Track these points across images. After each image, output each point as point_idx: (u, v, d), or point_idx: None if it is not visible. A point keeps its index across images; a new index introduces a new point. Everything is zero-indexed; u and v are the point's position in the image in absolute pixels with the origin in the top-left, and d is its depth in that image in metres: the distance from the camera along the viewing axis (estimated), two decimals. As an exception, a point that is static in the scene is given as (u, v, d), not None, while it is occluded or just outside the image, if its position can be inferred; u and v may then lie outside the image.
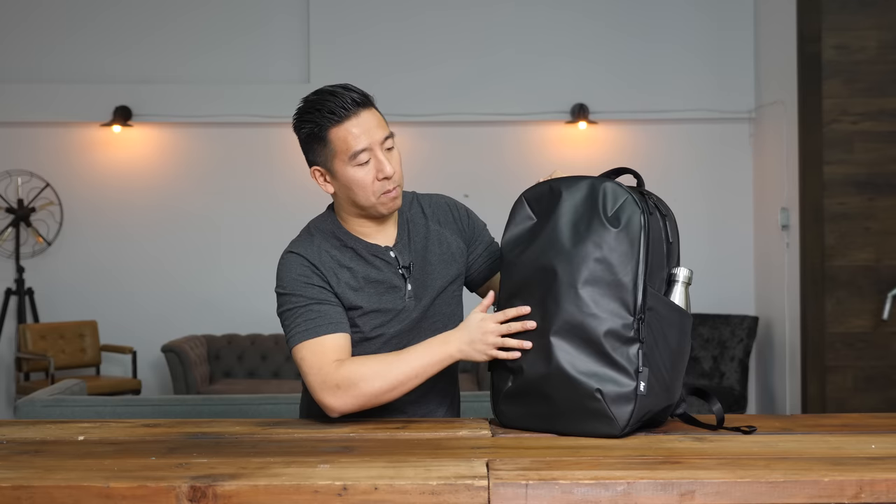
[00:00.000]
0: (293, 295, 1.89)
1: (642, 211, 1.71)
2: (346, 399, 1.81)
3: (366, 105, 1.90)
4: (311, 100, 1.90)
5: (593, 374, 1.69)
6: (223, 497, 1.40)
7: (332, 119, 1.87)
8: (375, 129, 1.89)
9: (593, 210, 1.73)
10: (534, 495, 1.41)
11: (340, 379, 1.81)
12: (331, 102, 1.87)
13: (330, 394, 1.82)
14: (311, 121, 1.89)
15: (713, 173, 6.76)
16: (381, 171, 1.88)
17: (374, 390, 1.81)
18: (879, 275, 5.13)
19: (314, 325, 1.86)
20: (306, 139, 1.92)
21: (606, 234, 1.70)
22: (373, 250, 1.96)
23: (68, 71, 6.81)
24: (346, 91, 1.89)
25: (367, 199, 1.91)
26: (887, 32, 5.14)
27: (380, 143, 1.89)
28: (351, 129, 1.87)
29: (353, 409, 1.83)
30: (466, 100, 6.68)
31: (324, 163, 1.92)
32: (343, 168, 1.89)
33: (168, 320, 6.76)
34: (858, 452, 1.58)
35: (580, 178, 1.79)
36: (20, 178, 6.76)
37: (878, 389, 5.11)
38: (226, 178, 6.83)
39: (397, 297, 1.96)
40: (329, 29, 6.73)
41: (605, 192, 1.73)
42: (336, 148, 1.88)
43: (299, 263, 1.91)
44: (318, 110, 1.88)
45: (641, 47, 6.71)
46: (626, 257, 1.69)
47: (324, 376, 1.82)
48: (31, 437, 1.78)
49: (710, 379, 6.19)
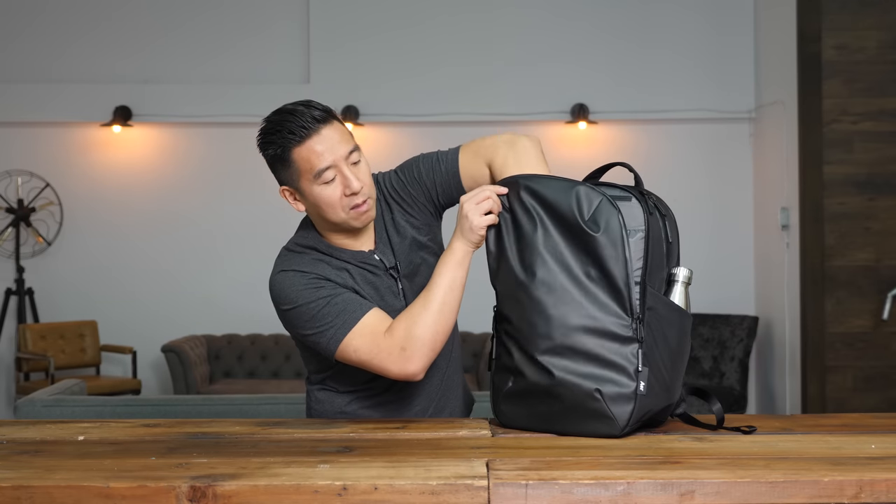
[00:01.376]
0: (309, 303, 1.85)
1: (619, 211, 1.69)
2: (416, 355, 1.79)
3: (327, 121, 1.85)
4: (273, 120, 1.86)
5: (593, 375, 1.69)
6: (223, 497, 1.40)
7: (292, 139, 1.83)
8: (338, 145, 1.84)
9: (570, 215, 1.71)
10: (534, 495, 1.41)
11: (399, 339, 1.79)
12: (290, 122, 1.83)
13: (403, 362, 1.79)
14: (273, 142, 1.85)
15: (713, 173, 6.76)
16: (347, 187, 1.84)
17: (429, 325, 1.79)
18: (879, 275, 5.13)
19: (348, 315, 1.82)
20: (271, 161, 1.89)
21: (588, 239, 1.70)
22: (359, 257, 1.94)
23: (68, 71, 6.81)
24: (307, 108, 1.84)
25: (338, 216, 1.87)
26: (887, 32, 5.14)
27: (344, 159, 1.85)
28: (314, 146, 1.83)
29: (427, 361, 1.80)
30: (466, 100, 6.68)
31: (290, 183, 1.89)
32: (310, 187, 1.85)
33: (168, 320, 6.76)
34: (858, 452, 1.58)
35: (549, 178, 1.77)
36: (20, 178, 6.76)
37: (878, 389, 5.11)
38: (226, 178, 6.83)
39: (394, 297, 1.96)
40: (329, 29, 6.73)
41: (580, 196, 1.71)
42: (300, 168, 1.85)
43: (298, 276, 1.88)
44: (279, 131, 1.84)
45: (641, 47, 6.71)
46: (614, 259, 1.69)
47: (386, 350, 1.80)
48: (31, 437, 1.78)
49: (710, 379, 6.19)
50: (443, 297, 1.80)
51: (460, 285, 1.82)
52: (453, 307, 1.82)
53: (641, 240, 1.71)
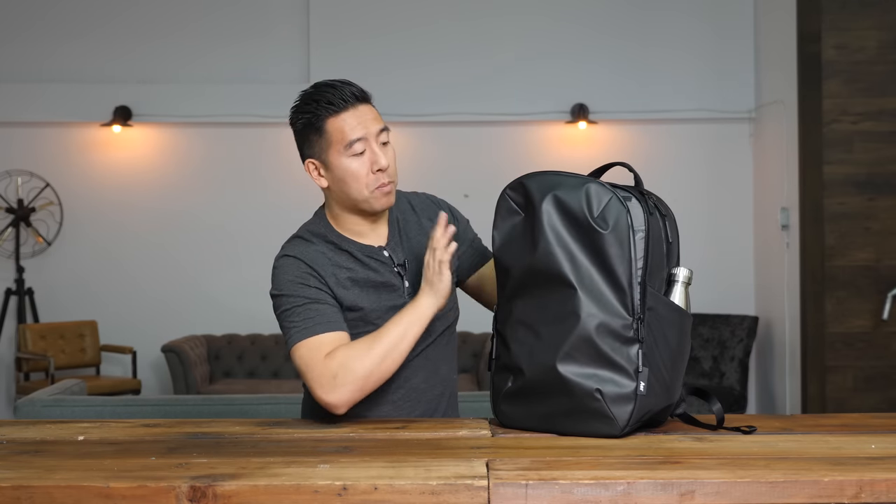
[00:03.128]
0: (289, 296, 1.89)
1: (628, 211, 1.69)
2: (344, 388, 1.80)
3: (364, 100, 1.93)
4: (309, 92, 1.93)
5: (593, 375, 1.69)
6: (223, 497, 1.40)
7: (329, 109, 1.89)
8: (372, 122, 1.91)
9: (579, 212, 1.71)
10: (534, 495, 1.41)
11: (333, 368, 1.80)
12: (329, 94, 1.90)
13: (329, 387, 1.80)
14: (308, 111, 1.91)
15: (713, 173, 6.76)
16: (375, 163, 1.90)
17: (367, 368, 1.80)
18: (879, 275, 5.13)
19: (312, 325, 1.85)
20: (302, 129, 1.93)
21: (596, 237, 1.70)
22: (367, 251, 1.96)
23: (68, 71, 6.81)
24: (345, 85, 1.91)
25: (361, 192, 1.91)
26: (887, 32, 5.14)
27: (375, 136, 1.91)
28: (348, 119, 1.89)
29: (353, 397, 1.81)
30: (466, 100, 6.68)
31: (318, 154, 1.93)
32: (338, 159, 1.90)
33: (168, 320, 6.76)
34: (858, 452, 1.58)
35: (558, 176, 1.77)
36: (20, 178, 6.76)
37: (878, 389, 5.11)
38: (226, 179, 6.83)
39: (396, 296, 1.96)
40: (329, 29, 6.74)
41: (589, 193, 1.71)
42: (332, 138, 1.90)
43: (295, 265, 1.91)
44: (317, 101, 1.90)
45: (641, 47, 6.71)
46: (619, 258, 1.69)
47: (319, 370, 1.81)
48: (31, 437, 1.78)
49: (710, 379, 6.19)
50: (391, 347, 1.82)
51: (412, 340, 1.85)
52: (397, 359, 1.84)
53: (642, 240, 1.71)
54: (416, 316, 1.84)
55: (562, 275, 1.72)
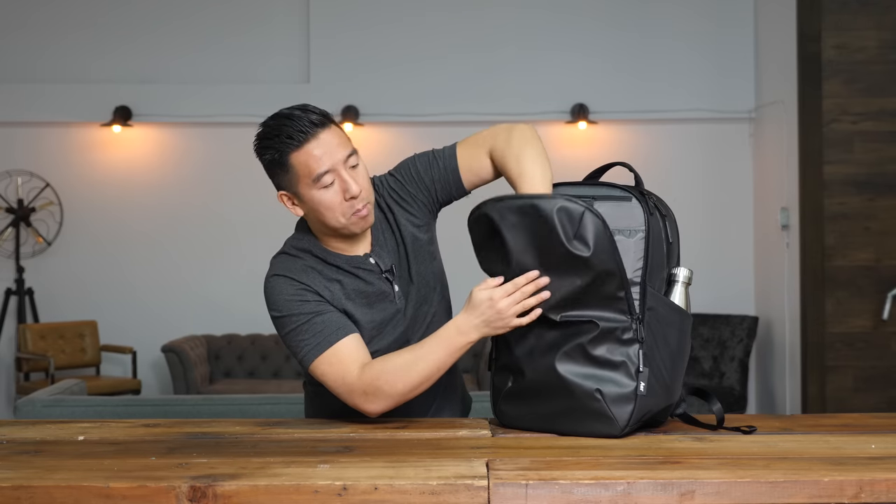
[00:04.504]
0: (291, 315, 1.86)
1: (599, 216, 1.66)
2: (378, 402, 1.79)
3: (324, 125, 1.84)
4: (269, 125, 1.85)
5: (593, 375, 1.69)
6: (223, 497, 1.40)
7: (290, 144, 1.82)
8: (337, 149, 1.83)
9: (554, 239, 1.66)
10: (534, 495, 1.41)
11: (366, 385, 1.79)
12: (288, 127, 1.82)
13: (361, 400, 1.80)
14: (270, 147, 1.84)
15: (713, 173, 6.76)
16: (347, 192, 1.83)
17: (400, 390, 1.78)
18: (879, 275, 5.13)
19: (323, 337, 1.83)
20: (269, 165, 1.87)
21: (578, 262, 1.66)
22: (354, 262, 1.93)
23: (68, 71, 6.81)
24: (304, 112, 1.83)
25: (337, 221, 1.86)
26: (887, 32, 5.14)
27: (343, 163, 1.84)
28: (312, 151, 1.82)
29: (388, 409, 1.81)
30: (466, 100, 6.68)
31: (289, 187, 1.87)
32: (308, 192, 1.84)
33: (168, 320, 6.76)
34: (858, 452, 1.58)
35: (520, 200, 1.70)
36: (20, 178, 6.76)
37: (878, 389, 5.11)
38: (226, 178, 6.83)
39: (388, 303, 1.95)
40: (329, 29, 6.74)
41: (561, 217, 1.65)
42: (299, 172, 1.83)
43: (287, 284, 1.88)
44: (277, 136, 1.83)
45: (641, 47, 6.71)
46: (608, 268, 1.66)
47: (349, 386, 1.80)
48: (31, 437, 1.78)
49: (710, 379, 6.19)
50: (427, 375, 1.79)
51: (447, 367, 1.80)
52: (429, 385, 1.81)
53: (642, 240, 1.71)
54: (459, 345, 1.77)
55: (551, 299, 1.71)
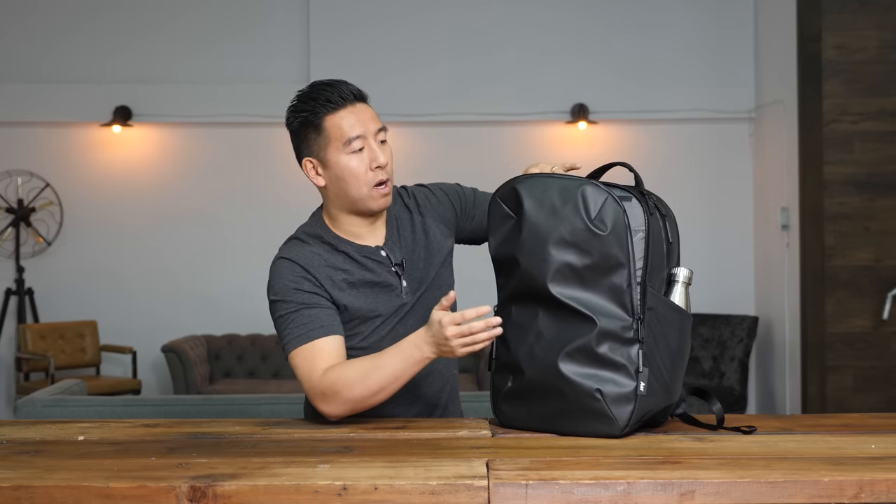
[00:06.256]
0: (284, 301, 1.89)
1: (624, 210, 1.69)
2: (335, 406, 1.82)
3: (361, 99, 1.95)
4: (306, 91, 1.94)
5: (593, 375, 1.69)
6: (223, 497, 1.40)
7: (328, 106, 1.90)
8: (370, 121, 1.93)
9: (575, 215, 1.71)
10: (534, 495, 1.41)
11: (325, 387, 1.82)
12: (327, 92, 1.91)
13: (320, 401, 1.83)
14: (306, 109, 1.92)
15: (713, 173, 6.76)
16: (374, 161, 1.90)
17: (356, 396, 1.80)
18: (879, 275, 5.13)
19: (306, 331, 1.86)
20: (299, 128, 1.94)
21: (595, 239, 1.69)
22: (364, 252, 1.96)
23: (68, 71, 6.81)
24: (343, 84, 1.94)
25: (360, 190, 1.91)
26: (887, 32, 5.14)
27: (374, 134, 1.92)
28: (346, 116, 1.91)
29: (344, 414, 1.84)
30: (466, 100, 6.68)
31: (316, 152, 1.93)
32: (337, 156, 1.91)
33: (168, 320, 6.75)
34: (858, 452, 1.58)
35: (550, 178, 1.77)
36: (20, 178, 6.76)
37: (878, 389, 5.11)
38: (226, 178, 6.83)
39: (394, 296, 1.96)
40: (329, 28, 6.73)
41: (585, 195, 1.71)
42: (331, 135, 1.90)
43: (290, 268, 1.91)
44: (314, 99, 1.91)
45: (641, 47, 6.71)
46: (618, 259, 1.69)
47: (312, 384, 1.84)
48: (31, 437, 1.78)
49: (710, 379, 6.19)
50: (384, 385, 1.80)
51: (405, 381, 1.81)
52: (389, 394, 1.82)
53: (642, 240, 1.71)
54: (415, 360, 1.78)
55: (559, 276, 1.71)
